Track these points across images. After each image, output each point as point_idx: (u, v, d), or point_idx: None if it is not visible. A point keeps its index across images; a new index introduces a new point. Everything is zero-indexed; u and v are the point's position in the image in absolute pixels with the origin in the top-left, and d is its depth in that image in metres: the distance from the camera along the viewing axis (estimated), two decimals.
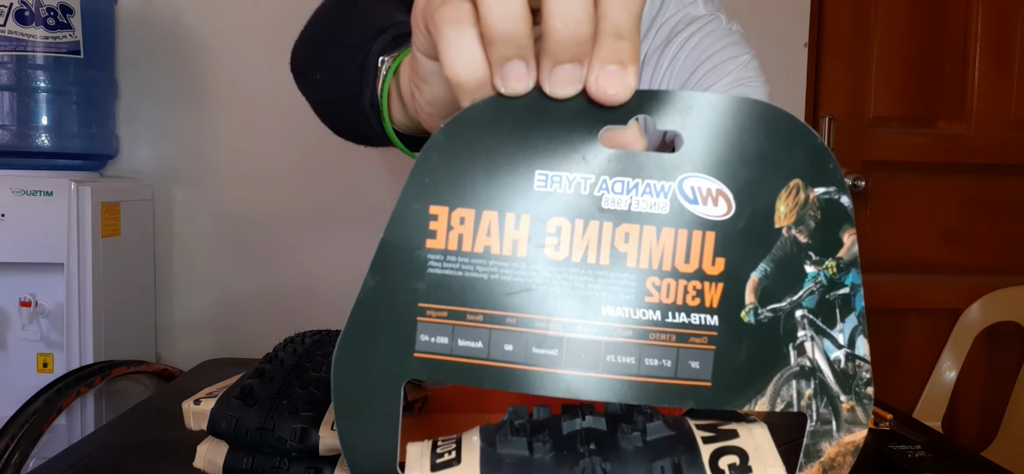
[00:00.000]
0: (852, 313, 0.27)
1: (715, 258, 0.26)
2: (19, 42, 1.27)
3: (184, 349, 1.55)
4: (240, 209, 1.54)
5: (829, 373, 0.26)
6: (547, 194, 0.25)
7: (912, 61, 1.63)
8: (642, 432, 0.25)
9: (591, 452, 0.24)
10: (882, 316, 1.67)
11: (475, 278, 0.25)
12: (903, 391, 1.66)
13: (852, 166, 1.63)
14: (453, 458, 0.24)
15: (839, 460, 0.27)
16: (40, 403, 1.09)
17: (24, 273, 1.27)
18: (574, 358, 0.25)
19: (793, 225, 0.26)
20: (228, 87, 1.52)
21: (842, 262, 0.27)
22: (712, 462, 0.24)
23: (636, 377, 0.25)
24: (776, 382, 0.26)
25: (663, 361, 0.25)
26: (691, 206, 0.25)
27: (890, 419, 0.68)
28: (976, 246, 1.67)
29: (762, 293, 0.26)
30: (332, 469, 0.50)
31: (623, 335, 0.25)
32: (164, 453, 0.59)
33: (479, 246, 0.25)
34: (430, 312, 0.25)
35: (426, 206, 0.25)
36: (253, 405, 0.51)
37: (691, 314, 0.25)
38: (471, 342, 0.25)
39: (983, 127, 1.64)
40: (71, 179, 1.25)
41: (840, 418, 0.27)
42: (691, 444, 0.24)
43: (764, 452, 0.25)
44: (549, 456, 0.23)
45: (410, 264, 0.25)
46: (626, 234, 0.25)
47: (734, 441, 0.25)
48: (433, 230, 0.25)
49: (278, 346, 0.59)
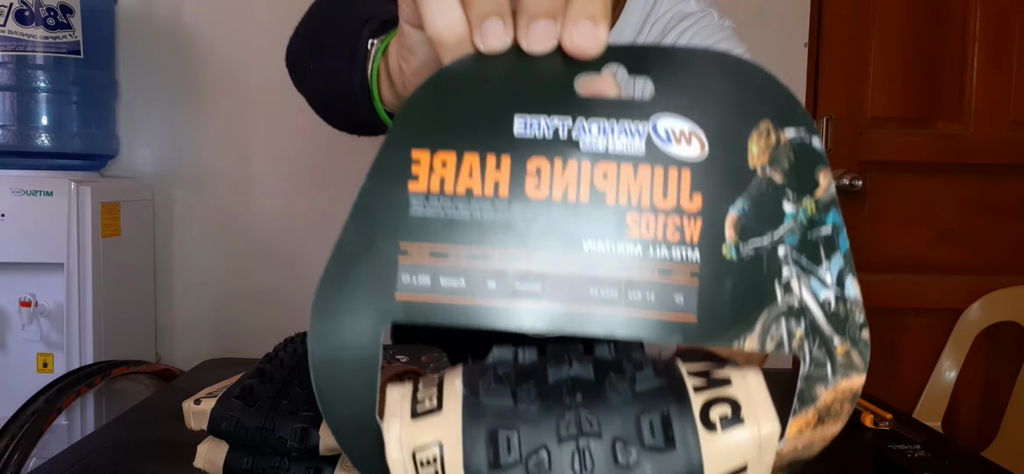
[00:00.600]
0: (837, 253, 0.27)
1: (692, 194, 0.26)
2: (19, 42, 1.27)
3: (184, 349, 1.55)
4: (240, 209, 1.54)
5: (820, 314, 0.26)
6: (526, 138, 0.26)
7: (911, 61, 1.63)
8: (631, 381, 0.24)
9: (578, 404, 0.23)
10: (882, 316, 1.67)
11: (457, 219, 0.25)
12: (903, 391, 1.67)
13: (850, 166, 1.63)
14: (434, 406, 0.24)
15: (836, 407, 0.26)
16: (40, 403, 1.09)
17: (24, 273, 1.27)
18: (557, 292, 0.25)
19: (767, 165, 0.27)
20: (228, 87, 1.52)
21: (820, 202, 0.27)
22: (703, 413, 0.23)
23: (620, 309, 0.25)
24: (764, 320, 0.26)
25: (646, 295, 0.25)
26: (665, 146, 0.26)
27: (890, 419, 0.69)
28: (975, 246, 1.67)
29: (742, 229, 0.26)
30: (332, 469, 0.50)
31: (605, 269, 0.25)
32: (164, 453, 0.59)
33: (461, 188, 0.25)
34: (412, 253, 0.25)
35: (408, 150, 0.26)
36: (253, 405, 0.51)
37: (672, 249, 0.26)
38: (454, 281, 0.25)
39: (982, 127, 1.64)
40: (71, 179, 1.25)
41: (835, 362, 0.26)
42: (681, 394, 0.24)
43: (757, 402, 0.24)
44: (534, 406, 0.23)
45: (392, 207, 0.25)
46: (604, 173, 0.26)
47: (726, 389, 0.24)
48: (415, 173, 0.26)
49: (278, 346, 0.59)
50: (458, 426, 0.23)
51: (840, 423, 0.27)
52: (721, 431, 0.23)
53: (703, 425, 0.23)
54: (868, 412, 0.70)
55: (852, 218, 1.65)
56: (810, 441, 0.27)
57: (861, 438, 0.67)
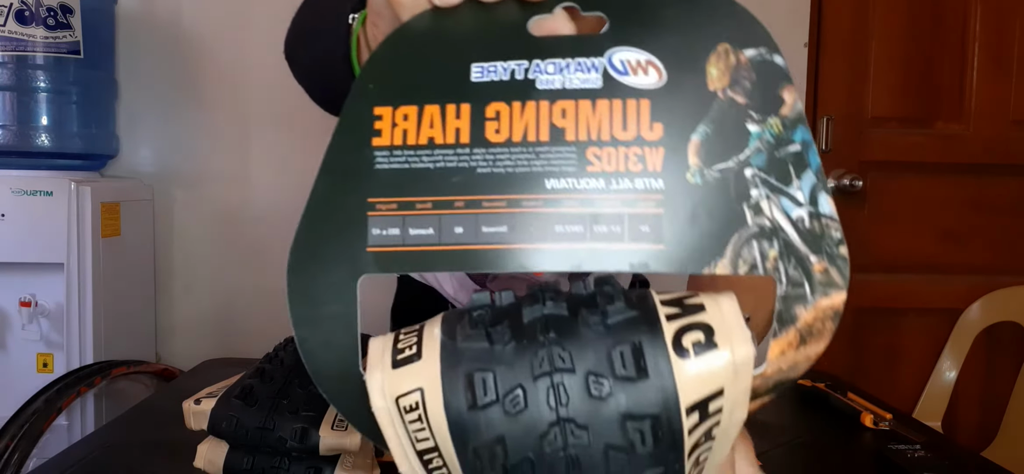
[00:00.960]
0: (807, 170, 0.26)
1: (652, 123, 0.26)
2: (19, 42, 1.27)
3: (184, 349, 1.55)
4: (240, 209, 1.54)
5: (793, 233, 0.26)
6: (484, 83, 0.26)
7: (910, 61, 1.63)
8: (603, 315, 0.23)
9: (551, 341, 0.23)
10: (882, 316, 1.67)
11: (421, 168, 0.26)
12: (903, 391, 1.67)
13: (850, 166, 1.63)
14: (414, 353, 0.24)
15: (818, 326, 0.26)
16: (40, 403, 1.09)
17: (24, 273, 1.27)
18: (524, 233, 0.26)
19: (728, 87, 0.27)
20: (228, 87, 1.52)
21: (787, 120, 0.27)
22: (676, 341, 0.23)
23: (587, 243, 0.26)
24: (735, 243, 0.26)
25: (612, 227, 0.26)
26: (622, 78, 0.26)
27: (890, 419, 0.69)
28: (975, 246, 1.67)
29: (706, 154, 0.26)
30: (332, 469, 0.50)
31: (569, 205, 0.26)
32: (164, 453, 0.59)
33: (423, 138, 0.26)
34: (380, 206, 0.26)
35: (370, 108, 0.27)
36: (253, 405, 0.51)
37: (635, 179, 0.26)
38: (422, 230, 0.26)
39: (981, 127, 1.64)
40: (71, 179, 1.25)
41: (813, 281, 0.26)
42: (653, 323, 0.23)
43: (731, 326, 0.23)
44: (509, 346, 0.23)
45: (358, 163, 0.26)
46: (562, 110, 0.26)
47: (699, 315, 0.23)
48: (378, 129, 0.27)
49: (278, 346, 0.59)
50: (437, 371, 0.23)
51: (823, 342, 0.26)
52: (694, 357, 0.23)
53: (676, 352, 0.23)
54: (868, 412, 0.70)
55: (852, 218, 1.66)
56: (794, 362, 0.26)
57: (861, 438, 0.67)
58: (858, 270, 1.76)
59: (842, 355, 1.67)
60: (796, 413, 0.74)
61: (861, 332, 1.68)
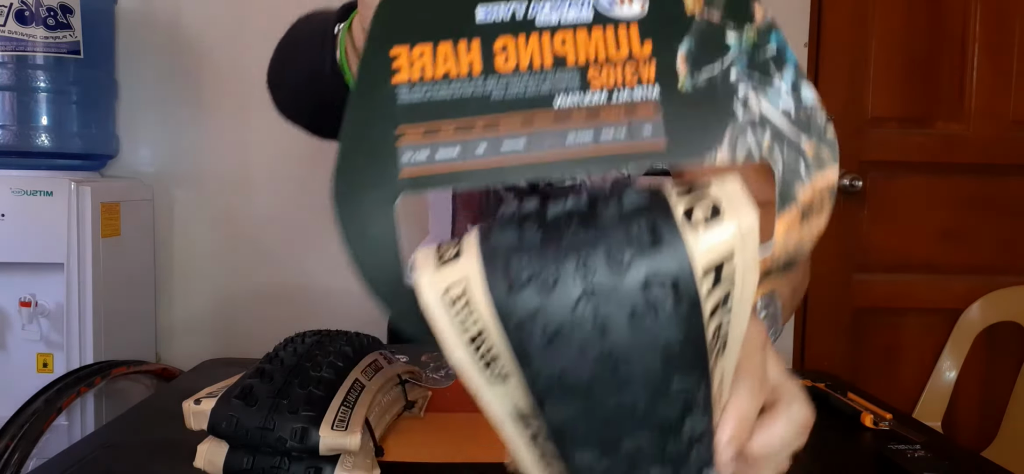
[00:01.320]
0: (787, 66, 0.30)
1: (642, 42, 0.30)
2: (19, 42, 1.27)
3: (184, 349, 1.55)
4: (240, 209, 1.54)
5: (782, 122, 0.30)
6: (489, 23, 0.30)
7: (910, 61, 1.63)
8: (619, 202, 0.26)
9: (575, 230, 0.26)
10: (881, 316, 1.67)
11: (441, 99, 0.29)
12: (903, 391, 1.67)
13: (850, 166, 1.64)
14: (455, 254, 0.27)
15: (817, 202, 0.30)
16: (40, 403, 1.09)
17: (24, 273, 1.27)
18: (539, 146, 0.29)
19: (705, 9, 0.30)
20: (228, 87, 1.52)
21: (760, 29, 0.30)
22: (687, 214, 0.25)
23: (597, 149, 0.29)
24: (730, 135, 0.29)
25: (617, 133, 0.29)
26: (610, 10, 0.30)
27: (890, 419, 0.69)
28: (975, 246, 1.67)
29: (693, 63, 0.30)
30: (332, 469, 0.50)
31: (577, 120, 0.29)
32: (164, 453, 0.59)
33: (439, 73, 0.29)
34: (407, 134, 0.29)
35: (387, 49, 0.30)
36: (253, 405, 0.51)
37: (634, 91, 0.30)
38: (448, 151, 0.29)
39: (981, 127, 1.64)
40: (71, 179, 1.25)
41: (806, 160, 0.30)
42: (665, 202, 0.26)
43: (736, 199, 0.26)
44: (537, 237, 0.26)
45: (382, 99, 0.29)
46: (562, 40, 0.30)
47: (706, 191, 0.26)
48: (396, 68, 0.30)
49: (278, 346, 0.60)
50: (478, 264, 0.26)
51: (824, 217, 0.30)
52: (704, 227, 0.25)
53: (687, 222, 0.25)
54: (868, 412, 0.70)
55: (852, 218, 1.66)
56: (800, 239, 0.30)
57: (861, 438, 0.67)
58: (858, 270, 1.78)
59: (842, 355, 1.67)
60: None
61: (861, 332, 1.68)
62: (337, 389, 0.53)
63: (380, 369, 0.60)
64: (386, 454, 0.57)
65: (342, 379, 0.55)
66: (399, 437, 0.62)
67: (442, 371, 0.77)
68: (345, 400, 0.53)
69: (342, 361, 0.57)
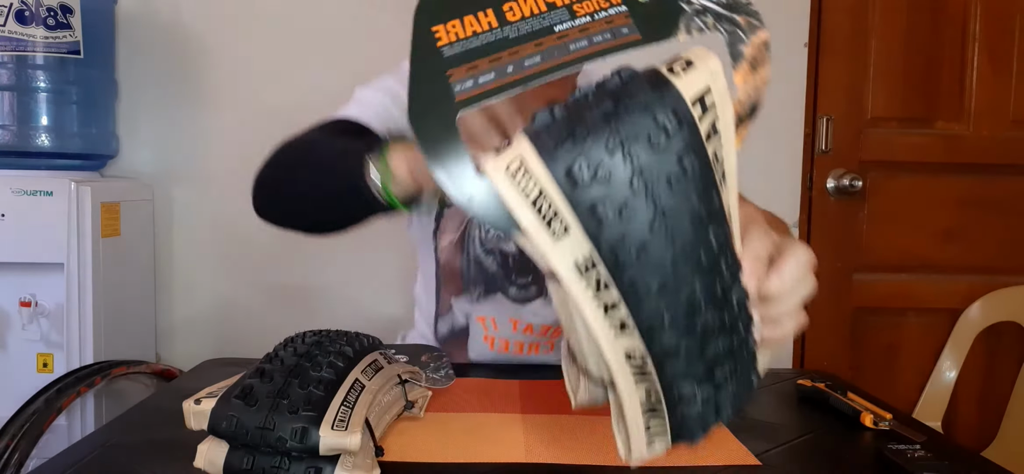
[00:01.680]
0: None
1: None
2: (19, 42, 1.27)
3: (184, 349, 1.55)
4: (240, 209, 1.53)
5: (717, 7, 0.42)
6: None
7: (910, 61, 1.63)
8: (619, 75, 0.36)
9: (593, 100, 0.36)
10: (881, 315, 1.67)
11: (474, 46, 0.41)
12: (903, 391, 1.67)
13: (850, 166, 1.63)
14: (508, 145, 0.36)
15: (759, 56, 0.42)
16: (40, 403, 1.09)
17: (24, 273, 1.27)
18: (550, 57, 0.40)
19: None
20: (228, 87, 1.52)
21: None
22: (669, 69, 0.36)
23: (592, 48, 0.40)
24: (684, 21, 0.42)
25: (604, 35, 0.41)
26: None
27: (890, 419, 0.68)
28: (975, 246, 1.67)
29: None
30: (332, 469, 0.50)
31: (573, 35, 0.41)
32: (164, 453, 0.59)
33: (469, 32, 0.41)
34: (455, 72, 0.40)
35: (429, 28, 0.41)
36: (253, 405, 0.51)
37: (607, 11, 0.42)
38: (487, 77, 0.39)
39: (981, 127, 1.64)
40: (71, 179, 1.25)
41: (742, 28, 0.42)
42: (653, 68, 0.36)
43: (702, 54, 0.36)
44: (564, 113, 0.36)
45: (432, 59, 0.40)
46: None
47: (681, 53, 0.37)
48: (438, 37, 0.41)
49: (278, 346, 0.59)
50: (527, 141, 0.35)
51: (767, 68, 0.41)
52: (682, 73, 0.36)
53: (669, 73, 0.36)
54: (868, 412, 0.70)
55: (852, 218, 1.66)
56: (755, 86, 0.41)
57: (861, 438, 0.67)
58: (858, 270, 1.78)
59: (842, 355, 1.67)
60: (796, 413, 0.74)
61: (861, 332, 1.68)
62: (337, 389, 0.53)
63: (380, 369, 0.60)
64: (386, 454, 0.57)
65: (342, 379, 0.55)
66: (399, 437, 0.62)
67: (442, 371, 0.77)
68: (345, 400, 0.53)
69: (342, 361, 0.57)
